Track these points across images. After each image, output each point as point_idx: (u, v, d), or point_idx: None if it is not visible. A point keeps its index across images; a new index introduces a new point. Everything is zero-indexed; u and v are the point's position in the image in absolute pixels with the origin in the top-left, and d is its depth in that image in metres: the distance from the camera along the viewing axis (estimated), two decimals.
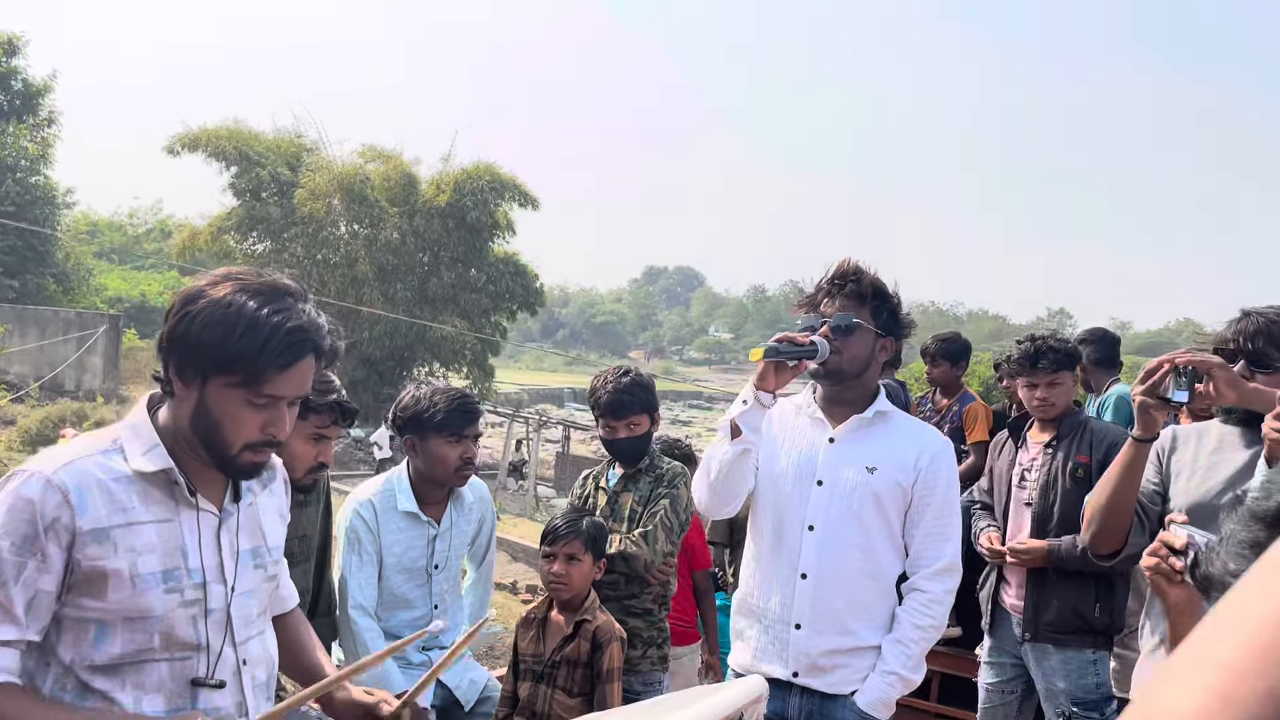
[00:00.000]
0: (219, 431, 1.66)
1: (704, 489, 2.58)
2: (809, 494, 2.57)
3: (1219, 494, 2.44)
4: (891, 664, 2.51)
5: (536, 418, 28.48)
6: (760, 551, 2.66)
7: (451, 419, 2.94)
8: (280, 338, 1.61)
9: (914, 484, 2.55)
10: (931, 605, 2.54)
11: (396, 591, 3.00)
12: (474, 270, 27.57)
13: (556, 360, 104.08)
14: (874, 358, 2.59)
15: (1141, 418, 2.41)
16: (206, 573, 1.71)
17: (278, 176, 26.49)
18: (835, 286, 2.56)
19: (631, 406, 3.21)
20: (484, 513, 3.24)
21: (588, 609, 2.90)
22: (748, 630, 2.67)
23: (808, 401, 2.67)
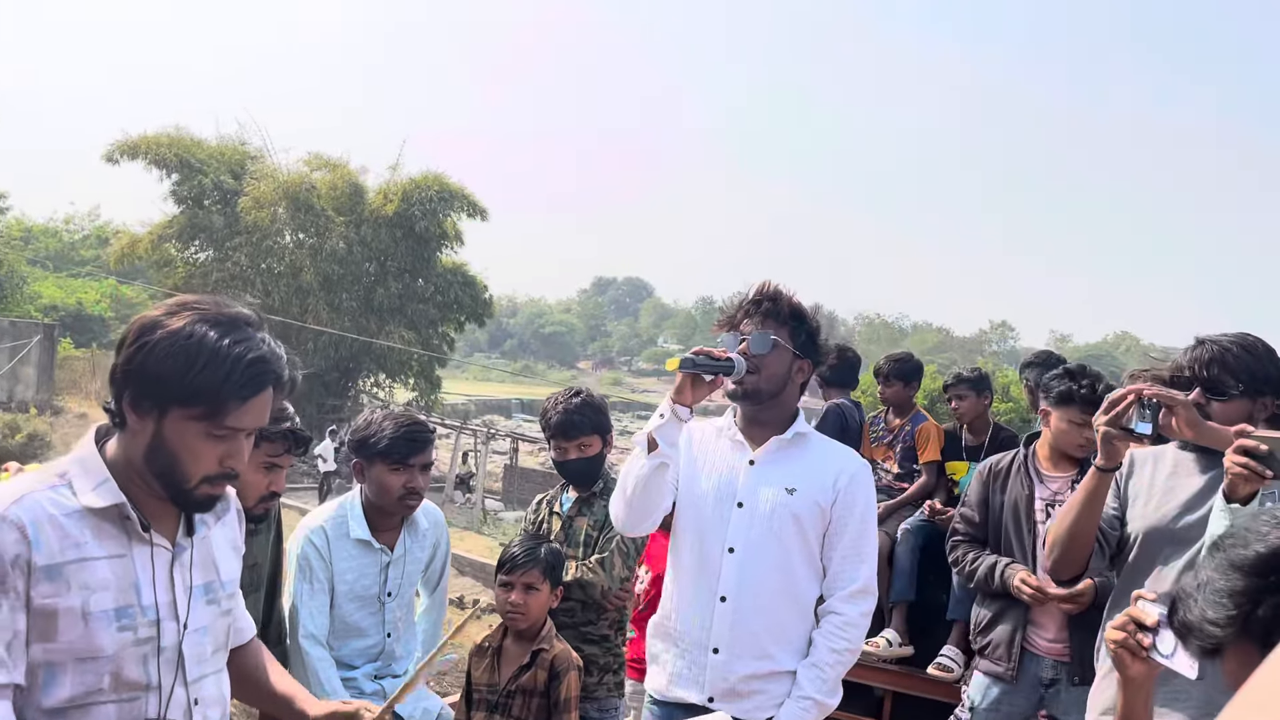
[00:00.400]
0: (177, 465, 1.62)
1: (620, 505, 2.53)
2: (729, 516, 2.55)
3: (1175, 518, 2.48)
4: (807, 689, 2.49)
5: (484, 430, 28.32)
6: (679, 574, 2.64)
7: (396, 447, 2.88)
8: (242, 369, 1.58)
9: (833, 505, 2.55)
10: (847, 629, 2.53)
11: (349, 620, 2.95)
12: (421, 280, 27.38)
13: (505, 371, 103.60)
14: (791, 378, 2.59)
15: (1105, 448, 2.43)
16: (160, 609, 1.66)
17: (221, 184, 26.08)
18: (754, 306, 2.57)
19: (582, 427, 3.19)
20: (438, 538, 3.19)
21: (544, 637, 2.86)
22: (664, 654, 2.63)
23: (728, 424, 2.67)
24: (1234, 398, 2.47)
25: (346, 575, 2.93)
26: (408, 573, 3.06)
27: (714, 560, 2.54)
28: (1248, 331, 2.59)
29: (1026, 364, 5.11)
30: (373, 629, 2.98)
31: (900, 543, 4.55)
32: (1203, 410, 2.46)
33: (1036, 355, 4.95)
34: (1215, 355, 2.49)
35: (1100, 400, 3.09)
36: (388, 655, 3.03)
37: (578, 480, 3.28)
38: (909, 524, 4.58)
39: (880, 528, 4.62)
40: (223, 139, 27.80)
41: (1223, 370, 2.47)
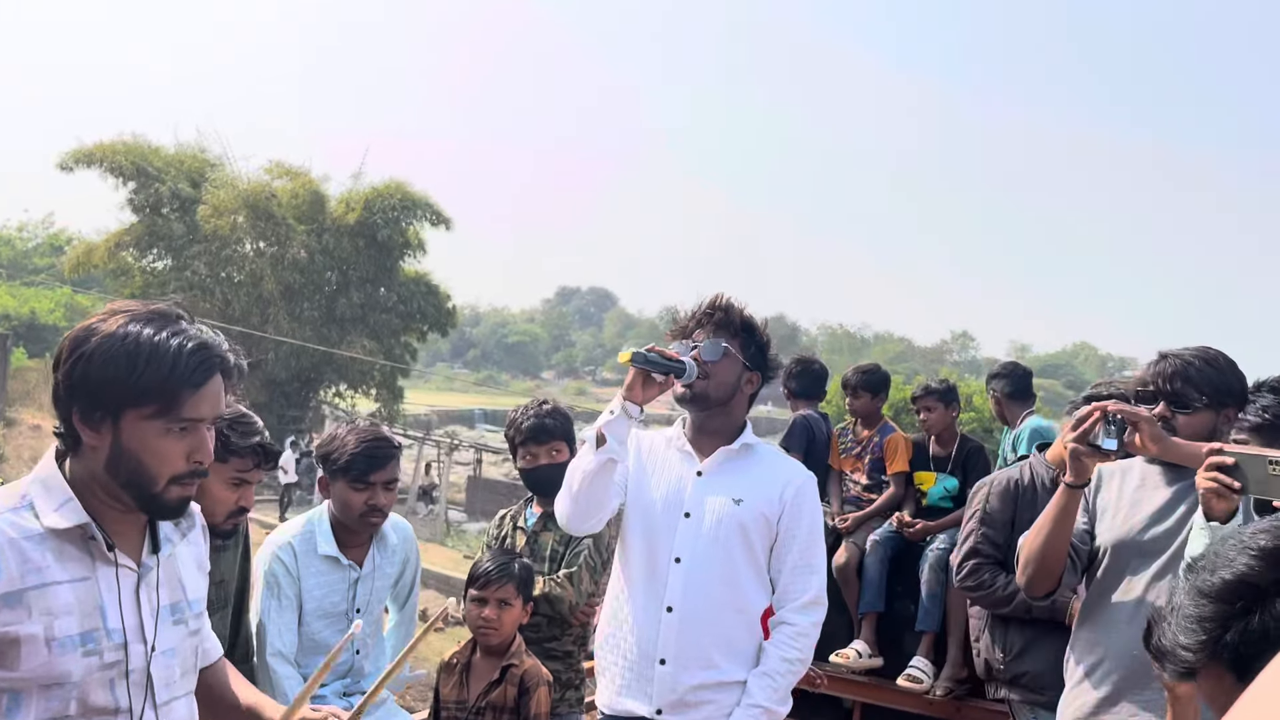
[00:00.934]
0: (142, 469, 1.58)
1: (566, 501, 2.52)
2: (676, 526, 2.56)
3: (1143, 530, 2.51)
4: (757, 697, 2.49)
5: (447, 441, 28.12)
6: (626, 585, 2.64)
7: (355, 464, 2.83)
8: (186, 358, 1.57)
9: (779, 517, 2.56)
10: (799, 638, 2.54)
11: (316, 637, 2.90)
12: (384, 289, 27.18)
13: (467, 381, 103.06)
14: (740, 388, 2.61)
15: (1074, 465, 2.43)
16: (126, 632, 1.62)
17: (179, 192, 25.73)
18: (707, 317, 2.61)
19: (554, 432, 3.18)
20: (408, 553, 3.15)
21: (514, 653, 2.84)
22: (611, 667, 2.62)
23: (677, 434, 2.68)
24: (1198, 410, 2.50)
25: (314, 592, 2.88)
26: (376, 589, 3.02)
27: (661, 570, 2.54)
28: (1207, 345, 2.63)
29: (994, 375, 5.17)
30: None
31: (869, 554, 4.56)
32: (1168, 424, 2.49)
33: (1003, 366, 5.01)
34: (1178, 369, 2.52)
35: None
36: (356, 672, 2.98)
37: (546, 489, 3.24)
38: (878, 535, 4.60)
39: (849, 539, 4.66)
40: (181, 146, 27.46)
41: (1186, 384, 2.50)
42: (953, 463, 4.73)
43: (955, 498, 4.67)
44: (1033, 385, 5.14)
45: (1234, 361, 2.57)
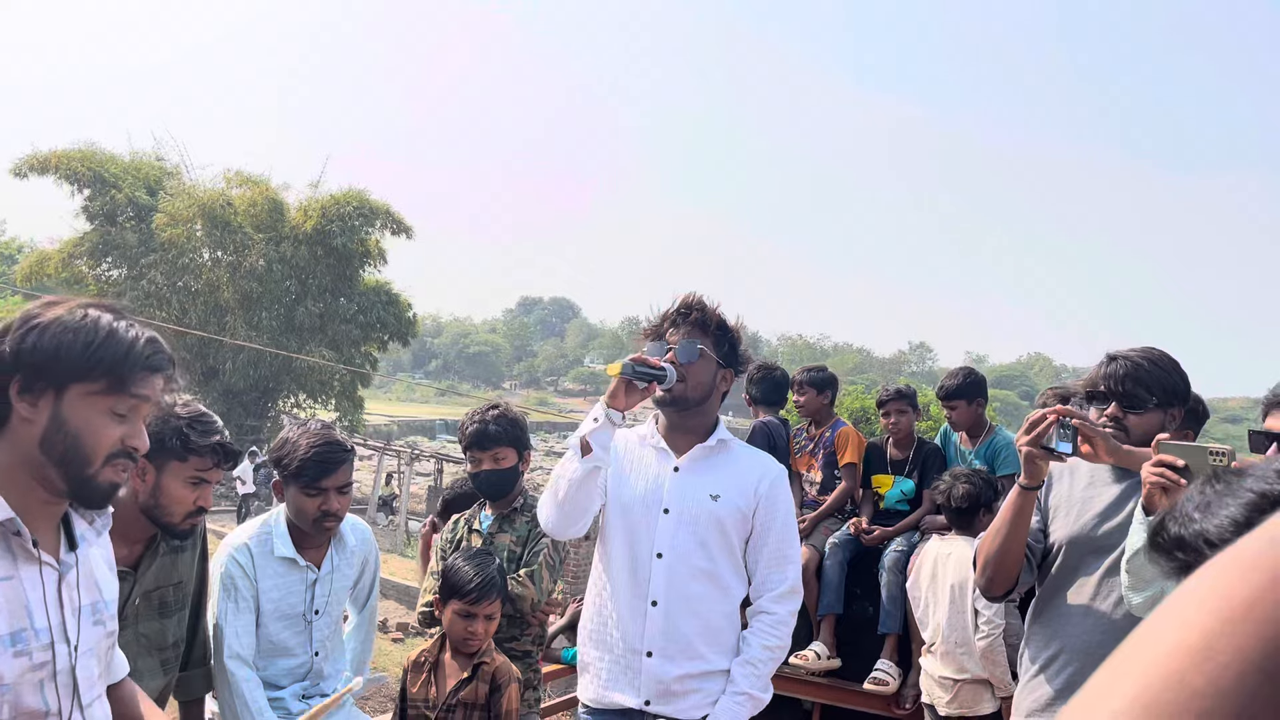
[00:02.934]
0: (79, 445, 1.55)
1: (551, 508, 2.56)
2: (656, 522, 2.60)
3: (1094, 527, 2.55)
4: (742, 685, 2.55)
5: (408, 451, 27.89)
6: (609, 581, 2.68)
7: (307, 470, 2.78)
8: (142, 344, 1.61)
9: (755, 510, 2.62)
10: (778, 626, 2.60)
11: (275, 639, 2.87)
12: (344, 299, 26.93)
13: (428, 391, 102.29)
14: (715, 386, 2.65)
15: (1028, 467, 2.46)
16: (52, 631, 1.58)
17: (135, 201, 25.38)
18: (680, 316, 2.63)
19: (497, 438, 3.19)
20: (367, 555, 3.13)
21: (485, 651, 2.84)
22: (597, 661, 2.66)
23: (650, 432, 2.72)
24: (1149, 410, 2.55)
25: (272, 594, 2.85)
26: (335, 590, 2.99)
27: (644, 566, 2.59)
28: (1151, 345, 2.69)
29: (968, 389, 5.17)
30: (299, 648, 2.91)
31: (828, 556, 4.60)
32: (1120, 424, 2.54)
33: (959, 371, 5.04)
34: (1129, 370, 2.57)
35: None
36: (315, 674, 2.95)
37: (491, 493, 3.27)
38: (837, 538, 4.64)
39: (806, 541, 4.69)
40: (137, 154, 27.10)
41: (1137, 384, 2.55)
42: (910, 465, 4.79)
43: (912, 500, 4.72)
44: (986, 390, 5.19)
45: (1177, 362, 2.63)
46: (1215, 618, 0.43)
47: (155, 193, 25.75)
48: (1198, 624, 0.44)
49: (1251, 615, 0.43)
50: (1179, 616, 0.45)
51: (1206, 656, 0.42)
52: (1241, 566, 0.45)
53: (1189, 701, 0.41)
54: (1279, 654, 0.42)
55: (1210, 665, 0.42)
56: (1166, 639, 0.44)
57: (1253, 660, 0.42)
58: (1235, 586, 0.44)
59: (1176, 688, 0.42)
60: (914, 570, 4.16)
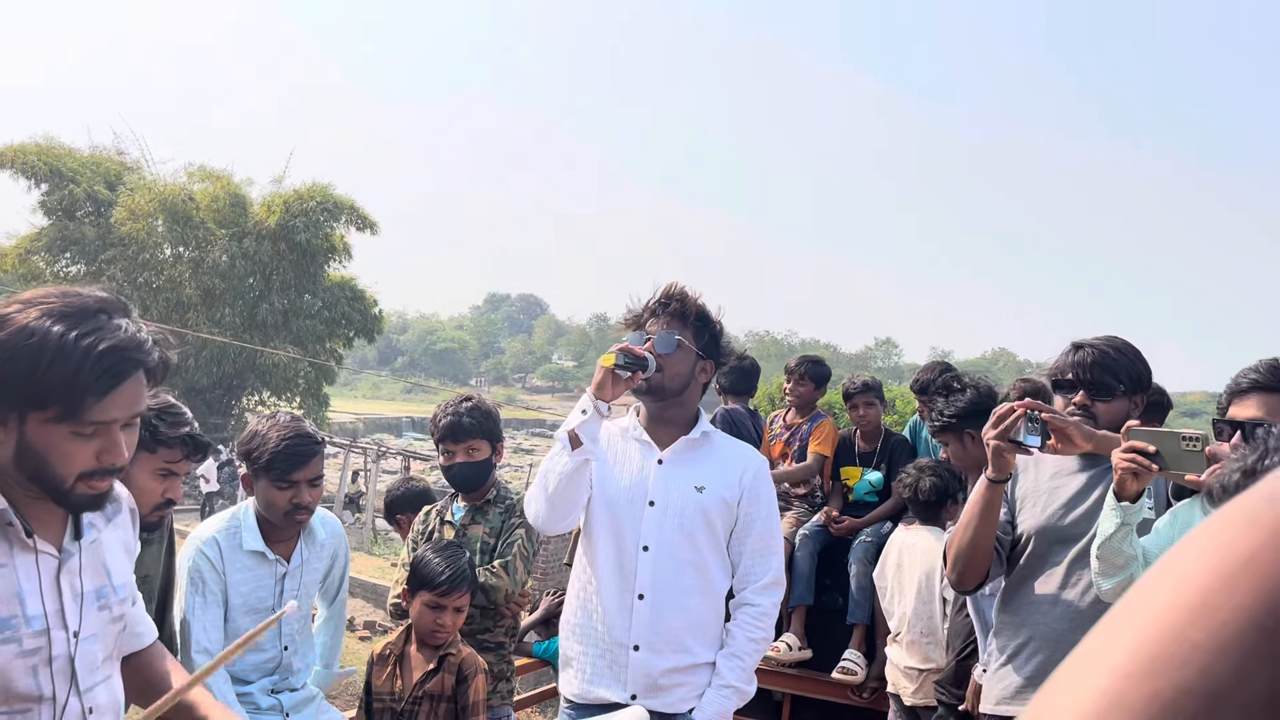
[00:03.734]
0: (47, 467, 1.52)
1: (541, 503, 2.55)
2: (642, 515, 2.59)
3: (1061, 517, 2.58)
4: (728, 677, 2.56)
5: (375, 448, 27.71)
6: (594, 574, 2.67)
7: (277, 463, 2.75)
8: (94, 362, 1.47)
9: (739, 502, 2.63)
10: (762, 618, 2.61)
11: (243, 633, 2.83)
12: (308, 295, 26.70)
13: (395, 388, 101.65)
14: (694, 378, 2.65)
15: (995, 461, 2.46)
16: (48, 618, 1.58)
17: (94, 195, 25.03)
18: (661, 307, 2.63)
19: (470, 430, 3.17)
20: (337, 549, 3.10)
21: (451, 642, 2.83)
22: (581, 656, 2.65)
23: (632, 424, 2.71)
24: (1117, 398, 2.57)
25: (240, 587, 2.82)
26: (305, 584, 2.96)
27: (630, 559, 2.58)
28: (1113, 334, 2.70)
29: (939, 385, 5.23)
30: (268, 642, 2.88)
31: (799, 548, 4.62)
32: (1088, 411, 2.55)
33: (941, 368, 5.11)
34: (1097, 359, 2.58)
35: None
36: (284, 668, 2.93)
37: (464, 485, 3.26)
38: (807, 529, 4.67)
39: None
40: (96, 149, 26.71)
41: (1105, 372, 2.56)
42: (878, 457, 4.84)
43: (881, 492, 4.76)
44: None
45: (1139, 350, 2.66)
46: (1213, 574, 0.44)
47: (115, 187, 25.40)
48: (1196, 580, 0.44)
49: (1250, 571, 0.43)
50: (1176, 574, 0.45)
51: (1205, 612, 0.43)
52: (1239, 524, 0.45)
53: (1189, 655, 0.42)
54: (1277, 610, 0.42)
55: (1209, 620, 0.42)
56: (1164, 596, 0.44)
57: (1251, 616, 0.42)
58: (1233, 543, 0.44)
59: (1175, 642, 0.42)
60: (880, 560, 4.19)
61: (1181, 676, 0.41)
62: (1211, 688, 0.41)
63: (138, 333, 1.56)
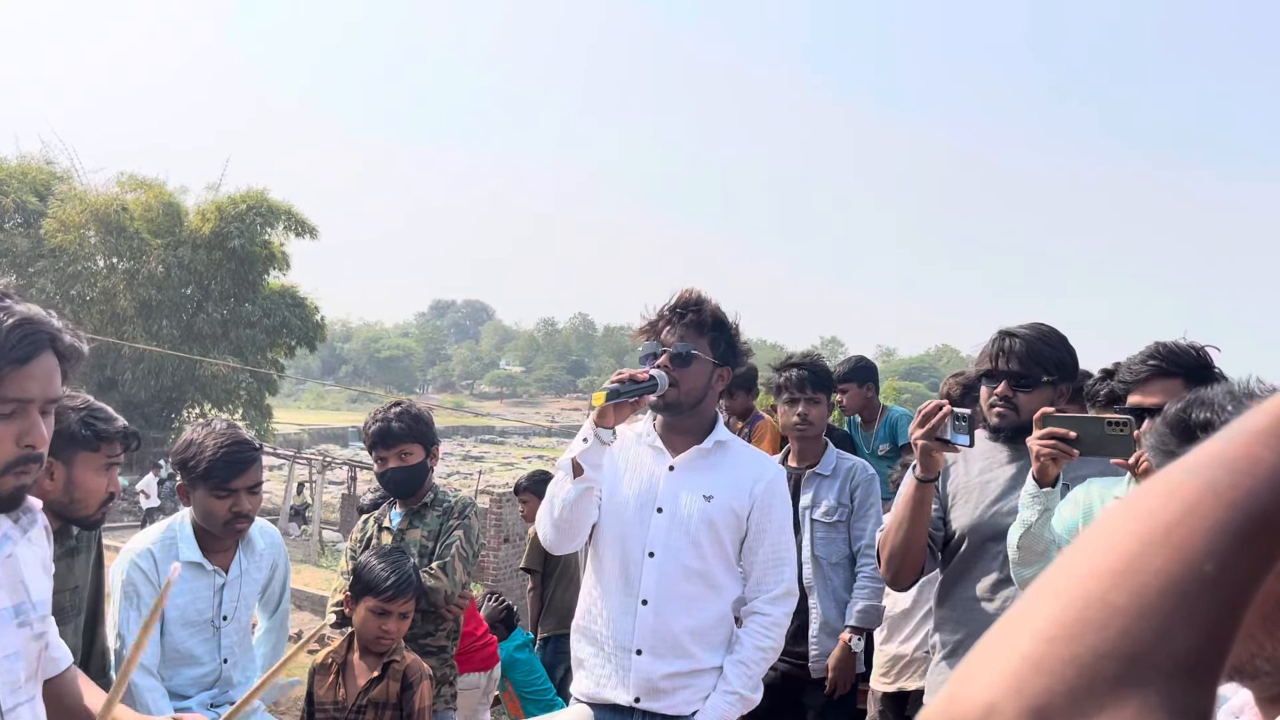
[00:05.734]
0: None
1: (548, 526, 2.56)
2: (649, 521, 2.58)
3: (992, 510, 2.57)
4: (733, 683, 2.55)
5: (320, 459, 27.32)
6: (601, 578, 2.66)
7: (215, 471, 2.70)
8: (6, 333, 1.45)
9: (750, 512, 2.60)
10: (772, 628, 2.60)
11: (181, 647, 2.78)
12: (247, 304, 26.23)
13: (339, 398, 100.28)
14: (711, 387, 2.63)
15: (923, 460, 2.43)
16: None
17: (23, 205, 24.38)
18: (676, 315, 2.58)
19: (401, 435, 3.15)
20: (276, 558, 3.06)
21: (395, 649, 2.80)
22: (590, 658, 2.65)
23: (647, 430, 2.68)
24: (1041, 387, 2.54)
25: (178, 599, 2.76)
26: (244, 595, 2.92)
27: (635, 564, 2.57)
28: (1040, 321, 2.67)
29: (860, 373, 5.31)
30: (207, 655, 2.83)
31: None
32: (1010, 402, 2.54)
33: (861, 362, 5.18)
34: (1023, 348, 2.55)
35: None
36: (224, 682, 2.87)
37: (398, 490, 3.24)
38: None
39: None
40: (24, 158, 26.02)
41: (1032, 362, 2.54)
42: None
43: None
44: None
45: (1066, 337, 2.64)
46: (1136, 540, 0.46)
47: (45, 197, 24.76)
48: (1118, 548, 0.46)
49: (1170, 539, 0.45)
50: (1099, 543, 0.47)
51: (1127, 576, 0.44)
52: (1160, 494, 0.47)
53: (1110, 618, 0.43)
54: (1196, 576, 0.44)
55: (1131, 584, 0.44)
56: (1086, 563, 0.46)
57: (1172, 579, 0.44)
58: (1155, 513, 0.46)
59: (1099, 605, 0.44)
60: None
61: (1102, 639, 0.42)
62: (1132, 649, 0.42)
63: (44, 313, 1.54)
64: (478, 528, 3.23)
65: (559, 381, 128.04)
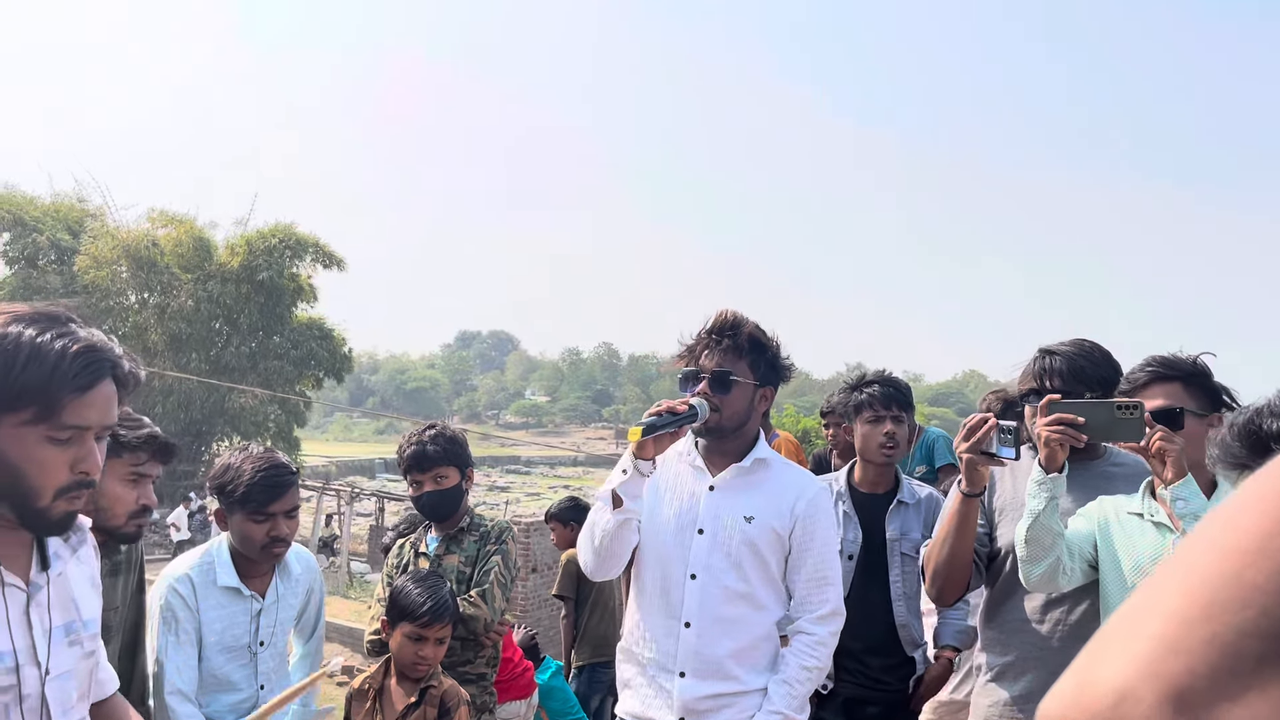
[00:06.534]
0: (23, 480, 1.49)
1: (589, 555, 2.56)
2: (690, 542, 2.56)
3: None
4: (778, 704, 2.52)
5: (348, 490, 27.41)
6: (643, 600, 2.64)
7: (254, 496, 2.73)
8: (70, 360, 1.48)
9: (791, 531, 2.57)
10: (818, 648, 2.56)
11: (218, 673, 2.78)
12: (276, 337, 26.48)
13: (367, 429, 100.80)
14: (754, 409, 2.60)
15: (969, 474, 2.43)
16: (18, 655, 1.53)
17: (57, 243, 24.79)
18: (714, 339, 2.56)
19: (436, 459, 3.15)
20: (312, 584, 3.06)
21: (432, 674, 2.79)
22: (635, 679, 2.63)
23: (688, 449, 2.65)
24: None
25: (215, 625, 2.77)
26: (280, 620, 2.92)
27: (677, 586, 2.55)
28: (1081, 338, 2.67)
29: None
30: (244, 681, 2.82)
31: None
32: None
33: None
34: (1065, 366, 2.56)
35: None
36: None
37: (434, 514, 3.23)
38: None
39: None
40: (59, 196, 26.48)
41: (1075, 380, 2.54)
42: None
43: None
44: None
45: (1109, 352, 2.64)
46: (1271, 519, 0.45)
47: (78, 234, 25.18)
48: (1252, 528, 0.45)
49: None
50: (1227, 525, 0.46)
51: (1264, 555, 0.43)
52: None
53: (1248, 595, 0.42)
54: None
55: (1268, 563, 0.43)
56: (1216, 545, 0.45)
57: None
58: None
59: (1234, 584, 0.43)
60: None
61: (1241, 618, 0.42)
62: (1272, 628, 0.41)
63: (106, 339, 1.57)
64: (515, 553, 3.22)
65: (584, 411, 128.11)
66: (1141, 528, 2.28)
